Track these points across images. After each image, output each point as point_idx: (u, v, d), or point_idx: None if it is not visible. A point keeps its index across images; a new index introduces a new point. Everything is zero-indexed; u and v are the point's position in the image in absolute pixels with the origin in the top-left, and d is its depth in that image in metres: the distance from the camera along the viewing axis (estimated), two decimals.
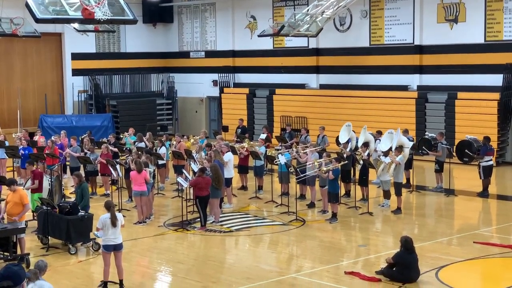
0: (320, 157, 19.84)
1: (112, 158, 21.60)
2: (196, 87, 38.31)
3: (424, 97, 29.37)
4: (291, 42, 34.15)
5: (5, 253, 14.78)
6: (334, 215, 18.75)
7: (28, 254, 15.17)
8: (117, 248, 13.42)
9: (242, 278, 14.18)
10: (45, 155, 22.22)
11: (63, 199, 19.03)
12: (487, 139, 22.05)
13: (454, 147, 24.11)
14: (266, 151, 23.05)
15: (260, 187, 22.47)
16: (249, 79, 36.12)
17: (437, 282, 13.72)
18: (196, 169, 19.27)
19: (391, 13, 30.75)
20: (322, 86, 33.23)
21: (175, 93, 38.72)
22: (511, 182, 25.30)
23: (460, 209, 20.76)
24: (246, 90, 35.54)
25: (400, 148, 20.03)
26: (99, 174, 22.36)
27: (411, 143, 21.69)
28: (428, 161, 24.85)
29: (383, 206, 20.24)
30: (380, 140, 21.94)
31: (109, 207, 13.54)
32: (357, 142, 22.77)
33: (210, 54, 37.97)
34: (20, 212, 15.31)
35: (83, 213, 16.22)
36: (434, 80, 29.64)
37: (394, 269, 13.79)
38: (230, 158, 20.68)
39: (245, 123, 31.17)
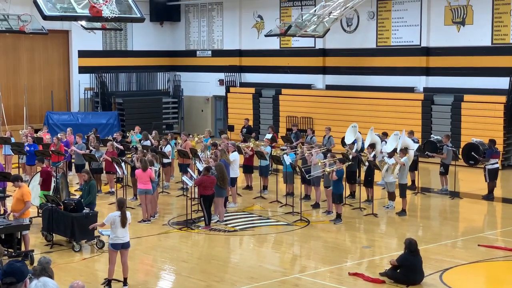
0: (325, 157, 19.83)
1: (117, 156, 21.62)
2: (202, 86, 38.30)
3: (430, 99, 29.30)
4: (297, 43, 34.13)
5: (9, 250, 14.77)
6: (339, 216, 18.73)
7: (32, 251, 15.20)
8: (124, 246, 13.46)
9: (246, 278, 14.18)
10: (50, 152, 22.25)
11: (68, 196, 19.05)
12: (492, 142, 22.01)
13: (460, 149, 24.07)
14: (271, 151, 23.05)
15: (265, 187, 22.46)
16: (255, 78, 36.11)
17: (441, 285, 13.69)
18: (201, 168, 19.27)
19: (398, 14, 30.70)
20: (328, 87, 33.19)
21: (181, 92, 38.72)
22: None
23: (465, 212, 20.72)
24: (252, 90, 35.52)
25: (405, 150, 19.99)
26: (104, 171, 22.37)
27: (416, 145, 21.64)
28: (434, 163, 24.81)
29: (387, 207, 20.20)
30: (386, 141, 21.91)
31: (121, 206, 13.55)
32: (363, 143, 22.75)
33: (216, 53, 37.97)
34: (22, 209, 15.29)
35: (87, 211, 16.25)
36: (441, 82, 29.58)
37: (398, 271, 13.77)
38: (236, 158, 20.68)
39: (250, 123, 31.15)
